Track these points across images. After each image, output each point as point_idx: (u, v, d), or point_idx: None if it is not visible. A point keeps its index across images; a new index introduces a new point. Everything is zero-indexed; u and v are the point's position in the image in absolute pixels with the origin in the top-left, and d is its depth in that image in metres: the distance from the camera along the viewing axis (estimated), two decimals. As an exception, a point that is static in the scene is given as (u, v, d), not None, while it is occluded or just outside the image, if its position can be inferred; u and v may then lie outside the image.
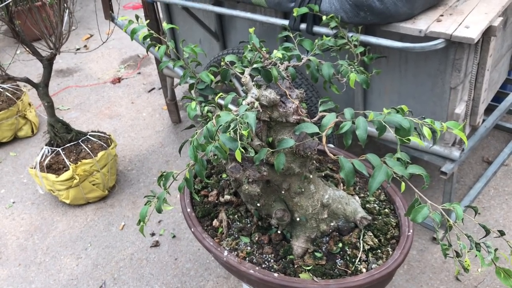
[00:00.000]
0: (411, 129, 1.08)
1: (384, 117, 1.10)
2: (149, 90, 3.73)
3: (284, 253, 1.44)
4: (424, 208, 1.09)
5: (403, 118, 1.08)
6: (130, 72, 4.00)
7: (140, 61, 4.12)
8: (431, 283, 2.10)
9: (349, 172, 1.16)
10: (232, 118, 1.08)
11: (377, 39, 1.77)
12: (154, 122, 3.38)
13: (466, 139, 1.12)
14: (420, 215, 1.08)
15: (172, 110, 3.27)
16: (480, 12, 1.75)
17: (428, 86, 1.95)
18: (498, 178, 2.57)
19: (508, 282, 1.06)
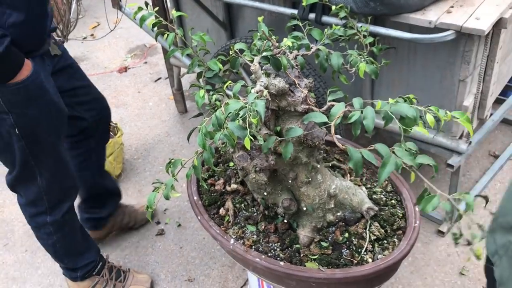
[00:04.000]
0: (417, 118, 1.08)
1: (390, 106, 1.10)
2: (155, 79, 3.73)
3: (290, 242, 1.44)
4: (434, 198, 1.09)
5: (409, 107, 1.08)
6: (137, 61, 4.00)
7: (146, 51, 4.12)
8: (435, 276, 2.11)
9: (357, 162, 1.15)
10: (242, 106, 1.08)
11: (387, 29, 1.76)
12: (160, 111, 3.38)
13: (471, 129, 1.11)
14: (430, 205, 1.08)
15: (179, 99, 3.27)
16: (491, 3, 1.73)
17: (437, 78, 1.94)
18: (505, 172, 2.56)
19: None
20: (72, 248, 2.01)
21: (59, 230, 1.92)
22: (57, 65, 1.82)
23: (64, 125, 1.80)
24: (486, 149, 2.71)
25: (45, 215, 1.88)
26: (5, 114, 1.59)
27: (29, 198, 1.86)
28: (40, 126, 1.68)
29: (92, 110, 2.01)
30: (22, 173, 1.76)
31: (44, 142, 1.72)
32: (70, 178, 1.89)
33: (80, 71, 1.98)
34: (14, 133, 1.63)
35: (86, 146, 2.08)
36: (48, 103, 1.67)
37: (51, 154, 1.77)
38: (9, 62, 1.52)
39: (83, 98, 1.96)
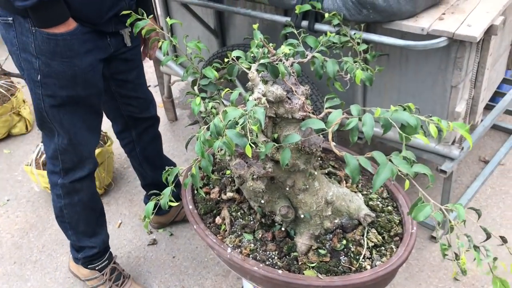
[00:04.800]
0: (417, 126, 1.08)
1: (391, 114, 1.10)
2: (144, 87, 3.70)
3: (288, 250, 1.43)
4: (427, 207, 1.09)
5: (410, 116, 1.08)
6: (126, 69, 3.96)
7: (135, 59, 4.09)
8: (429, 281, 2.11)
9: (354, 169, 1.15)
10: (242, 113, 1.07)
11: (380, 37, 1.77)
12: (150, 120, 3.35)
13: (471, 140, 1.12)
14: (422, 214, 1.08)
15: (169, 107, 3.25)
16: (482, 11, 1.76)
17: (429, 85, 1.96)
18: (495, 177, 2.59)
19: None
20: (79, 222, 2.02)
21: (68, 196, 1.96)
22: (123, 53, 1.88)
23: (91, 98, 1.81)
24: (476, 154, 2.74)
25: (58, 176, 1.93)
26: (34, 58, 1.65)
27: (48, 154, 1.92)
28: (59, 83, 1.71)
29: (134, 106, 2.07)
30: (41, 123, 1.84)
31: (59, 99, 1.74)
32: (86, 147, 1.90)
33: (139, 70, 2.03)
34: (37, 79, 1.68)
35: (129, 138, 2.20)
36: (74, 68, 1.69)
37: (66, 115, 1.78)
38: (51, 12, 1.57)
39: (128, 92, 2.01)
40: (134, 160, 2.29)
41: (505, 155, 2.68)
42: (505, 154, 2.68)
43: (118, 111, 2.08)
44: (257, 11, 2.11)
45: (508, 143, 2.74)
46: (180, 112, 3.39)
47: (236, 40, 2.49)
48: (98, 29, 1.71)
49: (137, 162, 2.29)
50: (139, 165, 2.29)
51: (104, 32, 1.74)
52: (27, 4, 1.50)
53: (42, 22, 1.58)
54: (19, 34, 1.63)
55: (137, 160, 2.28)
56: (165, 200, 1.26)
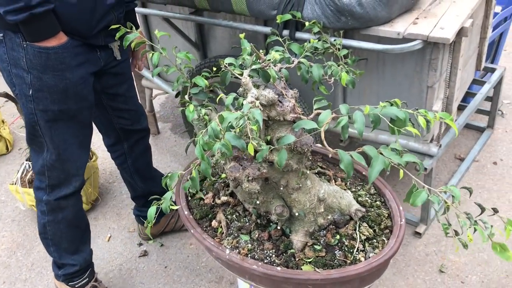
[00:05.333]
0: (406, 119, 1.16)
1: (381, 110, 1.17)
2: (124, 103, 3.73)
3: (285, 248, 1.49)
4: (423, 192, 1.17)
5: (398, 110, 1.16)
6: (104, 86, 3.98)
7: (113, 75, 4.11)
8: (416, 275, 2.19)
9: (348, 164, 1.22)
10: (241, 115, 1.13)
11: (359, 42, 1.87)
12: (133, 134, 3.37)
13: (456, 127, 1.20)
14: (419, 198, 1.16)
15: (151, 121, 3.28)
16: (452, 14, 1.87)
17: (406, 87, 2.06)
18: (471, 174, 2.70)
19: (504, 255, 1.13)
20: (62, 239, 2.02)
21: (52, 213, 1.96)
22: (113, 67, 1.91)
23: (82, 112, 1.83)
24: (452, 152, 2.86)
25: (44, 192, 1.93)
26: (26, 72, 1.67)
27: (36, 170, 1.92)
28: (51, 97, 1.72)
29: (126, 119, 2.10)
30: (32, 138, 1.84)
31: (51, 114, 1.76)
32: (74, 164, 1.91)
33: (130, 83, 2.06)
34: (28, 93, 1.70)
35: (120, 150, 2.22)
36: (65, 81, 1.71)
37: (58, 130, 1.80)
38: (42, 26, 1.59)
39: (119, 105, 2.04)
40: (125, 172, 2.32)
41: (479, 152, 2.81)
42: (479, 151, 2.81)
43: (111, 124, 2.11)
44: (239, 23, 2.19)
45: (481, 141, 2.87)
46: (162, 125, 3.43)
47: (217, 52, 2.55)
48: (88, 42, 1.74)
49: (128, 174, 2.31)
50: (130, 177, 2.32)
51: (94, 46, 1.78)
52: (18, 18, 1.53)
53: (33, 36, 1.61)
54: (9, 49, 1.65)
55: (128, 172, 2.30)
56: (166, 204, 1.31)
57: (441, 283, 2.14)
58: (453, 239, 1.16)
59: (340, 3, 1.78)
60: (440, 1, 1.99)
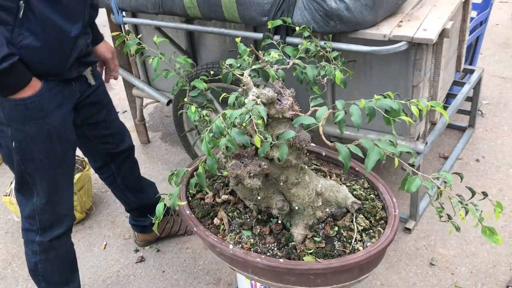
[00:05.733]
0: (400, 110, 1.24)
1: (376, 102, 1.25)
2: (113, 114, 3.76)
3: (286, 241, 1.55)
4: (416, 179, 1.24)
5: (392, 101, 1.24)
6: (92, 98, 4.01)
7: (100, 87, 4.15)
8: (408, 269, 2.27)
9: (346, 155, 1.29)
10: (246, 110, 1.19)
11: (347, 45, 1.96)
12: (123, 144, 3.41)
13: (447, 114, 1.29)
14: (414, 185, 1.23)
15: (141, 130, 3.32)
16: (434, 17, 1.97)
17: (392, 87, 2.15)
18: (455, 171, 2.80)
19: (493, 239, 1.21)
20: (53, 275, 2.01)
21: (45, 252, 1.95)
22: (88, 96, 1.89)
23: (67, 153, 1.83)
24: (436, 151, 2.96)
25: (36, 233, 1.92)
26: (5, 126, 1.67)
27: (25, 214, 1.91)
28: (36, 146, 1.72)
29: (111, 143, 2.10)
30: (21, 185, 1.83)
31: (39, 162, 1.75)
32: (65, 206, 1.92)
33: (108, 107, 2.04)
34: (12, 146, 1.69)
35: (109, 171, 2.23)
36: (47, 127, 1.70)
37: (47, 176, 1.80)
38: (12, 78, 1.57)
39: (102, 132, 2.04)
40: (116, 190, 2.32)
41: (462, 150, 2.92)
42: (461, 150, 2.92)
43: (96, 151, 2.11)
44: (230, 30, 2.26)
45: (463, 139, 2.98)
46: (152, 134, 3.47)
47: (207, 59, 2.62)
48: (62, 78, 1.72)
49: (120, 192, 2.32)
50: (121, 194, 2.32)
51: (68, 80, 1.76)
52: None
53: (5, 90, 1.59)
54: None
55: (119, 190, 2.31)
56: (174, 201, 1.36)
57: (432, 275, 2.22)
58: (447, 224, 1.24)
59: (329, 8, 1.87)
60: (422, 5, 2.10)
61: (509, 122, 3.14)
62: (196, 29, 2.34)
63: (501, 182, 2.69)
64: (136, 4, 2.37)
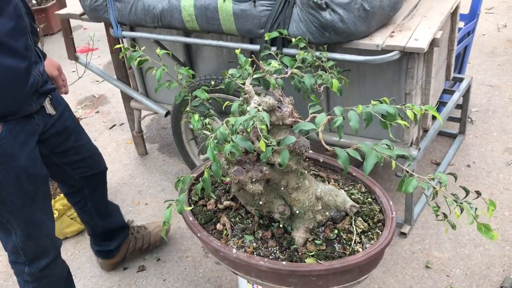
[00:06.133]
0: (396, 114, 1.30)
1: (373, 107, 1.32)
2: (110, 127, 3.81)
3: (288, 244, 1.60)
4: (413, 180, 1.30)
5: (388, 106, 1.31)
6: (88, 111, 4.06)
7: (96, 101, 4.19)
8: (404, 272, 2.32)
9: (345, 159, 1.36)
10: (250, 117, 1.25)
11: (342, 55, 2.03)
12: (120, 156, 3.45)
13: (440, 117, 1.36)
14: (411, 186, 1.30)
15: (139, 142, 3.37)
16: (424, 27, 2.05)
17: (385, 95, 2.21)
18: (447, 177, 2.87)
19: (488, 235, 1.27)
20: None
21: (37, 281, 1.94)
22: (53, 125, 1.84)
23: (40, 188, 1.79)
24: (428, 158, 3.03)
25: (24, 265, 1.90)
26: None
27: (8, 249, 1.88)
28: (5, 190, 1.67)
29: (83, 167, 2.06)
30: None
31: (11, 205, 1.71)
32: (46, 238, 1.88)
33: (76, 132, 1.99)
34: None
35: (80, 196, 2.18)
36: (14, 170, 1.66)
37: (22, 216, 1.76)
38: None
39: (72, 158, 1.99)
40: (86, 214, 2.28)
41: (453, 156, 3.00)
42: (453, 156, 2.99)
43: (69, 176, 2.07)
44: (228, 42, 2.33)
45: (454, 146, 3.06)
46: (149, 146, 3.51)
47: (205, 71, 2.68)
48: (22, 115, 1.67)
49: (89, 216, 2.28)
50: (90, 218, 2.29)
51: (29, 115, 1.71)
52: None
53: None
54: None
55: (89, 214, 2.26)
56: (181, 206, 1.40)
57: (428, 278, 2.27)
58: (441, 227, 1.30)
59: (324, 20, 1.94)
60: (412, 16, 2.18)
61: (498, 128, 3.23)
62: (194, 42, 2.41)
63: (492, 186, 2.76)
64: (135, 18, 2.43)
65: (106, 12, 2.53)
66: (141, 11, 2.39)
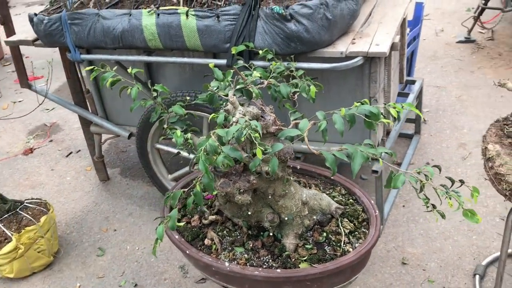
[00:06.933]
0: (379, 114, 1.36)
1: (357, 109, 1.36)
2: (66, 155, 3.68)
3: (279, 252, 1.60)
4: (401, 175, 1.36)
5: (371, 107, 1.36)
6: (41, 141, 3.90)
7: (48, 130, 4.05)
8: (383, 271, 2.38)
9: (332, 161, 1.39)
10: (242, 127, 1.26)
11: (309, 64, 2.08)
12: (81, 184, 3.34)
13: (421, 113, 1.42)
14: (399, 181, 1.35)
15: (100, 168, 3.27)
16: (382, 33, 2.15)
17: (349, 101, 2.28)
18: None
19: (474, 219, 1.34)
20: None
21: None
22: None
23: None
24: (390, 159, 3.14)
25: None
26: None
27: None
28: None
29: None
30: None
31: None
32: None
33: None
34: None
35: None
36: None
37: None
38: None
39: None
40: None
41: (412, 155, 3.13)
42: (412, 155, 3.12)
43: None
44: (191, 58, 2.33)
45: (412, 146, 3.19)
46: (110, 171, 3.42)
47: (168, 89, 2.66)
48: None
49: None
50: None
51: None
52: None
53: None
54: None
55: None
56: (173, 222, 1.38)
57: (406, 274, 2.34)
58: (433, 212, 1.36)
59: (289, 31, 1.99)
60: (369, 24, 2.28)
61: (450, 126, 3.40)
62: (158, 60, 2.39)
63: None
64: (94, 40, 2.39)
65: (63, 36, 2.47)
66: (100, 32, 2.35)
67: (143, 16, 2.25)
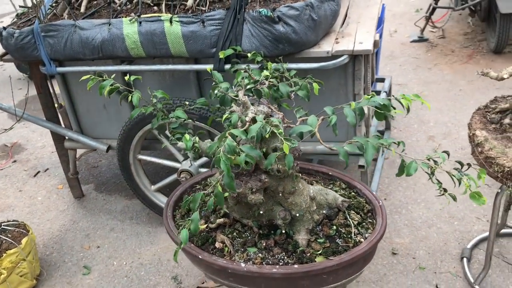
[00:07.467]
0: (389, 105, 1.41)
1: (368, 101, 1.41)
2: (34, 174, 3.53)
3: (293, 248, 1.62)
4: (412, 163, 1.41)
5: (382, 98, 1.41)
6: (3, 162, 3.73)
7: (10, 150, 3.87)
8: (375, 262, 2.45)
9: (344, 154, 1.44)
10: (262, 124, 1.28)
11: (297, 64, 2.12)
12: (54, 203, 3.22)
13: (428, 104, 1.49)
14: (412, 168, 1.40)
15: (74, 185, 3.17)
16: (363, 32, 2.23)
17: (333, 100, 2.35)
18: (386, 169, 3.10)
19: (480, 201, 1.41)
20: None
21: None
22: None
23: None
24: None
25: None
26: None
27: None
28: None
29: None
30: None
31: None
32: None
33: None
34: None
35: None
36: None
37: None
38: None
39: None
40: None
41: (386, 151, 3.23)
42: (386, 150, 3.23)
43: None
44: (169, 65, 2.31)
45: (385, 141, 3.30)
46: (84, 187, 3.31)
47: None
48: None
49: None
50: None
51: None
52: None
53: None
54: None
55: None
56: (195, 225, 1.37)
57: (398, 263, 2.42)
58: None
59: (277, 33, 2.03)
60: (348, 24, 2.35)
61: (417, 121, 3.55)
62: (141, 69, 2.36)
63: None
64: (71, 52, 2.33)
65: (36, 50, 2.38)
66: (78, 44, 2.30)
67: (124, 25, 2.22)
